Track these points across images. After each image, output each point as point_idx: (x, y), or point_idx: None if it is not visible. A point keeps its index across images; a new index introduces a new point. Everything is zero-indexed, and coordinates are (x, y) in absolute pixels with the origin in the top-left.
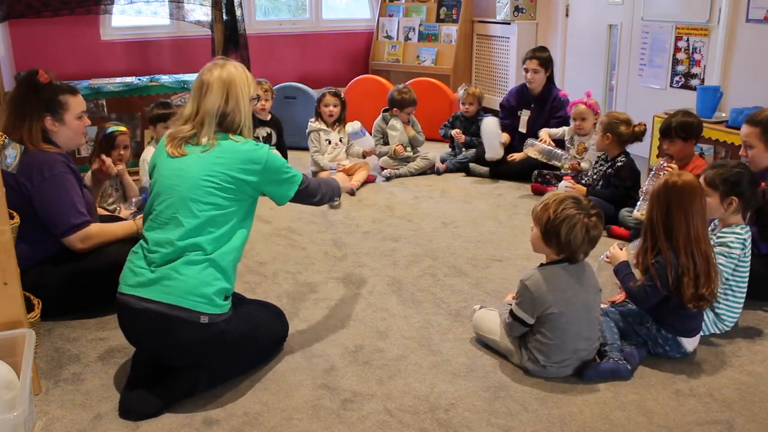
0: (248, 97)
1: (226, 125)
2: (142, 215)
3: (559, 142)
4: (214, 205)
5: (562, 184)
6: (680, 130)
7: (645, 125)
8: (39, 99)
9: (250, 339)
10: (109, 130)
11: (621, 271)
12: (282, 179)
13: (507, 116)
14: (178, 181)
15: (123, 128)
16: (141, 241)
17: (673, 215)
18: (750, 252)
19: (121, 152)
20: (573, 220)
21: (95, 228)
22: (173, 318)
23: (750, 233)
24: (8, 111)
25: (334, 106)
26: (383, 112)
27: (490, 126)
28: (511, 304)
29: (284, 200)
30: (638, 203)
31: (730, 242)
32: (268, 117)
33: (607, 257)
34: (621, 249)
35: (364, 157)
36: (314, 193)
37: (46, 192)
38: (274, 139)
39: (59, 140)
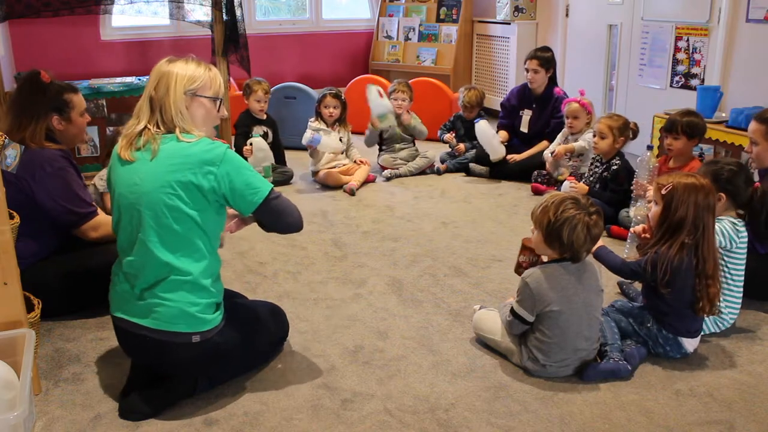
0: (183, 88)
1: (165, 119)
2: None
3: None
4: (176, 219)
5: (566, 183)
6: (687, 127)
7: (636, 125)
8: (46, 99)
9: (247, 345)
10: None
11: (602, 251)
12: (244, 182)
13: (507, 116)
14: (135, 198)
15: None
16: (117, 262)
17: (708, 218)
18: (745, 247)
19: None
20: (574, 220)
21: (104, 217)
22: (166, 342)
23: (746, 230)
24: (12, 112)
25: (335, 107)
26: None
27: (483, 129)
28: (511, 304)
29: (250, 208)
30: (632, 203)
31: (719, 228)
32: (264, 117)
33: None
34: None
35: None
36: (288, 210)
37: (49, 185)
38: (270, 138)
39: (63, 138)
